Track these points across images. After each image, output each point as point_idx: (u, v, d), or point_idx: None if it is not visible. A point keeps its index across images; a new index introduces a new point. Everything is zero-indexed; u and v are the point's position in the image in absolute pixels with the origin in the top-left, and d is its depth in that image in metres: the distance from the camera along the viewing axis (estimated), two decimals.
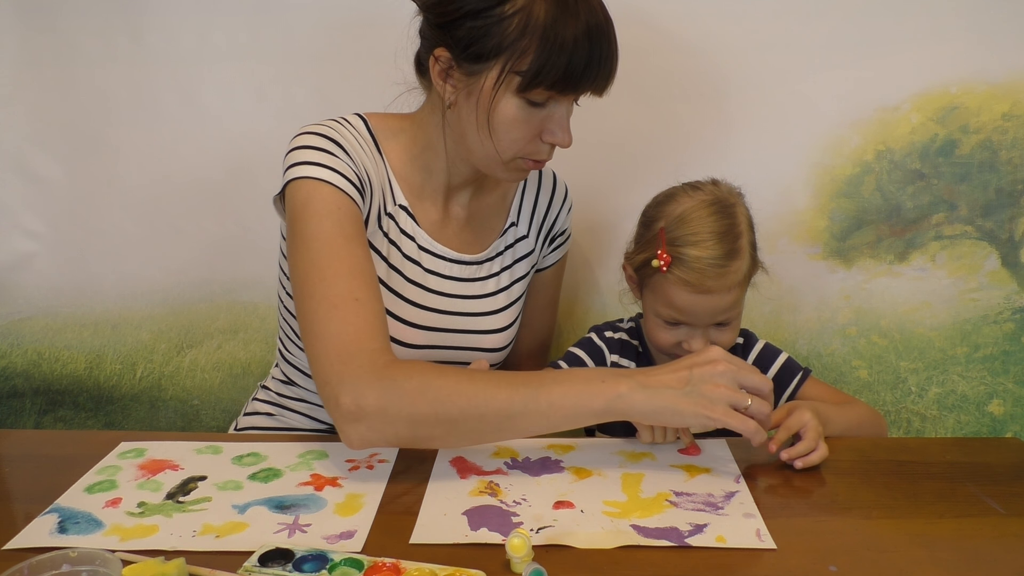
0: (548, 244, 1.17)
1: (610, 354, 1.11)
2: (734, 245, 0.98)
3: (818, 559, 0.71)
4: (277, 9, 1.32)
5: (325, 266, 0.85)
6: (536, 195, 1.14)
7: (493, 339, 1.08)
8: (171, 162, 1.38)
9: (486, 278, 1.08)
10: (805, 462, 0.87)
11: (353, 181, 0.92)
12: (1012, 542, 0.75)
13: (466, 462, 0.89)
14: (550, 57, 0.85)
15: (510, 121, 0.90)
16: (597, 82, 0.89)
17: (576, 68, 0.86)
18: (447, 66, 0.90)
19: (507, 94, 0.88)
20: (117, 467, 0.88)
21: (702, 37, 1.32)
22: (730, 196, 1.02)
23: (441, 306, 1.04)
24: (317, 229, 0.87)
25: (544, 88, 0.87)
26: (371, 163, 0.98)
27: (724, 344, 1.04)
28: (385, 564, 0.68)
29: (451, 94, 0.92)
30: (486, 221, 1.10)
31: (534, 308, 1.21)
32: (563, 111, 0.92)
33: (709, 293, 0.97)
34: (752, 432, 0.81)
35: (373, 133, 1.01)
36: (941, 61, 1.31)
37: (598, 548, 0.72)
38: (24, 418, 1.48)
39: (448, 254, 1.05)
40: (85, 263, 1.43)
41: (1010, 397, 1.41)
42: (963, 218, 1.37)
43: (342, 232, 0.88)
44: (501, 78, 0.87)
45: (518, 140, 0.92)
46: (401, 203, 1.01)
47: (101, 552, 0.64)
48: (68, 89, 1.37)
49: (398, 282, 1.01)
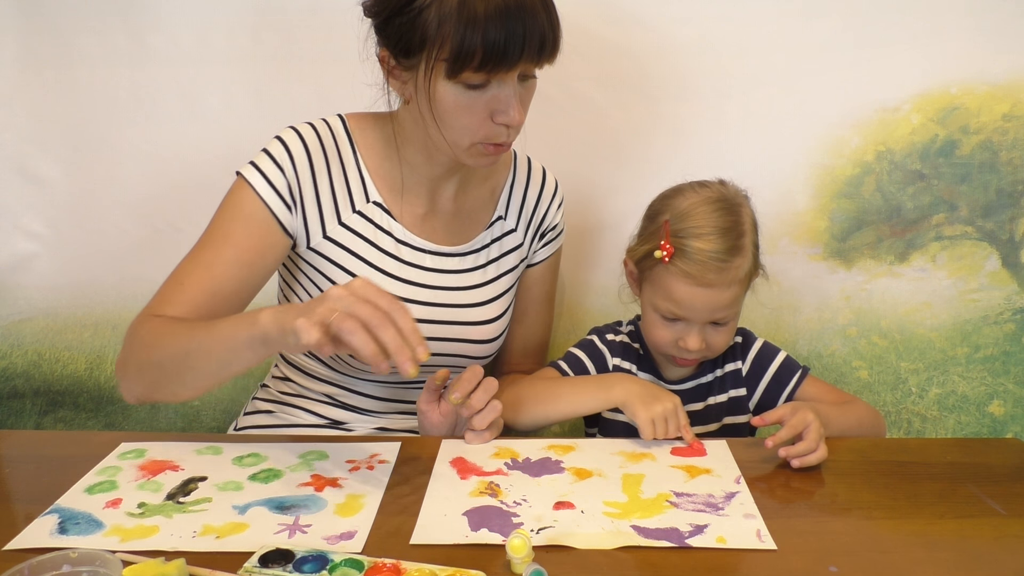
0: (538, 240, 1.17)
1: (612, 357, 1.11)
2: (737, 242, 0.98)
3: (818, 560, 0.71)
4: (277, 10, 1.32)
5: (199, 249, 0.98)
6: (525, 190, 1.14)
7: (481, 331, 1.09)
8: (171, 162, 1.38)
9: (471, 270, 1.09)
10: (803, 462, 0.87)
11: (285, 199, 0.98)
12: (1012, 543, 0.75)
13: (466, 463, 0.89)
14: (464, 39, 0.85)
15: (452, 108, 0.91)
16: (527, 55, 0.88)
17: (496, 45, 0.85)
18: (391, 65, 0.94)
19: (440, 82, 0.89)
20: (117, 468, 0.88)
21: (702, 38, 1.32)
22: (737, 196, 1.03)
23: (424, 298, 1.05)
24: (220, 220, 0.99)
25: (472, 70, 0.87)
26: (336, 169, 1.02)
27: (719, 344, 1.04)
28: (385, 565, 0.68)
29: (403, 91, 0.95)
30: (473, 214, 1.11)
31: (528, 303, 1.21)
32: (508, 90, 0.90)
33: (709, 287, 0.98)
34: (357, 348, 0.73)
35: (350, 133, 1.04)
36: (941, 62, 1.31)
37: (598, 549, 0.72)
38: (24, 419, 1.48)
39: (427, 246, 1.06)
40: (85, 264, 1.43)
41: (1010, 398, 1.41)
42: (963, 219, 1.37)
43: (231, 235, 0.98)
44: (429, 67, 0.89)
45: (468, 126, 0.92)
46: (375, 200, 1.04)
47: (101, 553, 0.64)
48: (68, 89, 1.37)
49: (377, 278, 1.03)
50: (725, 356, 1.11)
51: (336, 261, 1.03)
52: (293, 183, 0.99)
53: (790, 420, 0.89)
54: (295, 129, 1.01)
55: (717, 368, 1.11)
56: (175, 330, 0.89)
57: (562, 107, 1.34)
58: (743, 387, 1.10)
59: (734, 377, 1.11)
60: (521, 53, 0.87)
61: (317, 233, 1.02)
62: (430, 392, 0.97)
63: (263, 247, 0.99)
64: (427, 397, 0.97)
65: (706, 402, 1.10)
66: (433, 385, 0.96)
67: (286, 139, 1.00)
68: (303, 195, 1.00)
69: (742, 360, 1.11)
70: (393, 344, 0.73)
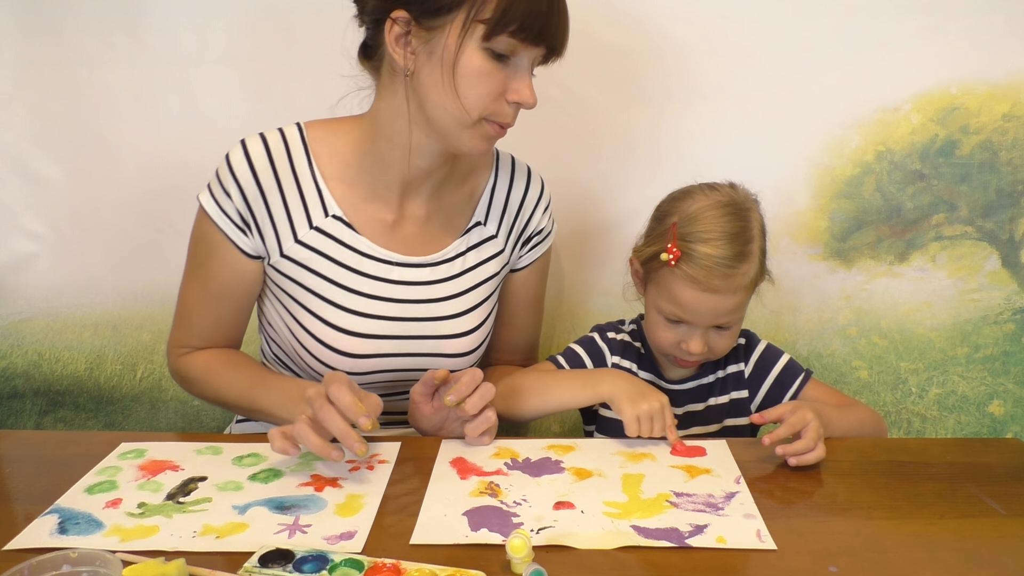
0: (523, 245, 1.12)
1: (611, 355, 1.11)
2: (745, 248, 0.98)
3: (818, 560, 0.71)
4: (277, 10, 1.32)
5: (189, 281, 1.05)
6: (507, 193, 1.09)
7: (458, 344, 1.05)
8: (171, 162, 1.38)
9: (445, 280, 1.05)
10: (799, 461, 0.87)
11: (239, 224, 0.99)
12: (1012, 543, 0.75)
13: (466, 463, 0.89)
14: (514, 1, 0.85)
15: (475, 74, 0.89)
16: (559, 32, 0.89)
17: (540, 10, 0.86)
18: (405, 29, 0.89)
19: (471, 45, 0.87)
20: (117, 468, 0.88)
21: (702, 38, 1.32)
22: (746, 201, 1.02)
23: (393, 313, 1.02)
24: (195, 251, 1.04)
25: (509, 35, 0.86)
26: (288, 185, 0.99)
27: (722, 348, 1.04)
28: (385, 565, 0.68)
29: (410, 60, 0.91)
30: (448, 220, 1.06)
31: (515, 307, 1.17)
32: (526, 67, 0.91)
33: (714, 292, 0.97)
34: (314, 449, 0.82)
35: (307, 144, 1.00)
36: (941, 62, 1.31)
37: (598, 549, 0.72)
38: (24, 419, 1.48)
39: (394, 258, 1.02)
40: (85, 263, 1.43)
41: (1010, 398, 1.41)
42: (963, 219, 1.37)
43: (209, 268, 1.02)
44: (466, 27, 0.86)
45: (484, 96, 0.90)
46: (335, 214, 1.00)
47: (101, 553, 0.64)
48: (68, 89, 1.37)
49: (338, 295, 1.00)
50: (727, 358, 1.11)
51: (295, 279, 1.01)
52: (242, 207, 0.98)
53: (789, 418, 0.89)
54: (243, 146, 0.98)
55: (719, 369, 1.11)
56: (213, 384, 1.04)
57: (562, 107, 1.34)
58: (745, 389, 1.10)
59: (736, 379, 1.10)
60: (556, 27, 0.89)
61: (275, 252, 1.00)
62: (426, 385, 0.95)
63: (236, 274, 1.02)
64: (422, 389, 0.95)
65: (707, 403, 1.10)
66: (431, 380, 0.94)
67: (232, 161, 0.98)
68: (255, 217, 0.99)
69: (745, 362, 1.11)
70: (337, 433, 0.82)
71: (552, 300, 1.46)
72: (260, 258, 1.02)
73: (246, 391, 1.01)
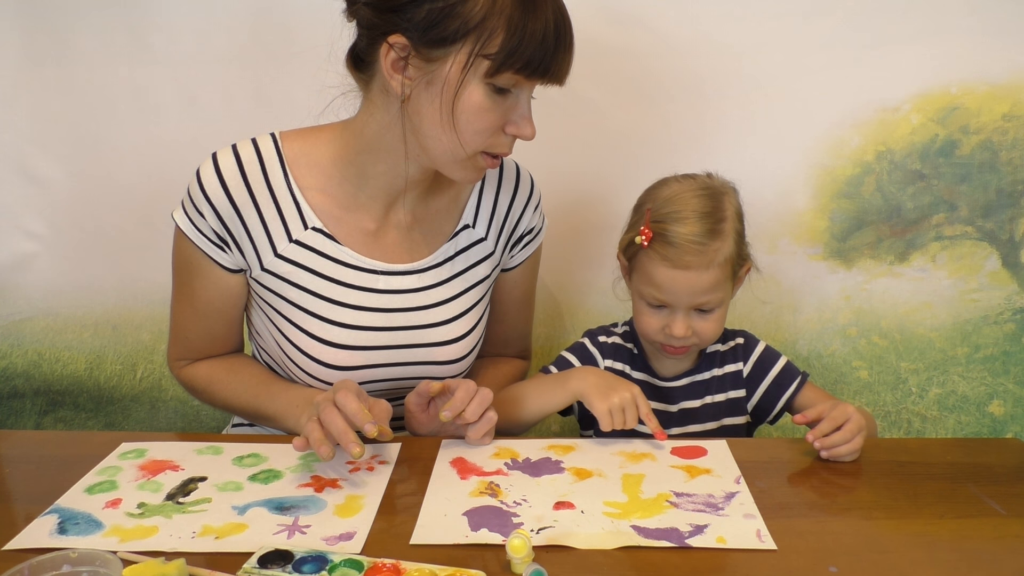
0: (514, 245, 1.10)
1: (603, 359, 1.11)
2: (716, 226, 0.99)
3: (818, 560, 0.71)
4: (277, 10, 1.32)
5: (178, 299, 1.05)
6: (496, 195, 1.06)
7: (448, 351, 1.03)
8: (171, 162, 1.38)
9: (433, 286, 1.02)
10: (832, 453, 0.88)
11: (216, 242, 0.98)
12: (1013, 543, 0.75)
13: (466, 463, 0.89)
14: (523, 38, 0.81)
15: (476, 110, 0.86)
16: (565, 66, 0.87)
17: (548, 48, 0.83)
18: (403, 54, 0.85)
19: (474, 80, 0.84)
20: (117, 468, 0.88)
21: (702, 38, 1.32)
22: (722, 186, 1.04)
23: (380, 323, 0.99)
24: (178, 270, 1.03)
25: (514, 72, 0.84)
26: (264, 199, 0.96)
27: (707, 332, 1.04)
28: (385, 565, 0.68)
29: (407, 86, 0.87)
30: (434, 225, 1.03)
31: (508, 305, 1.15)
32: (526, 100, 0.89)
33: (687, 269, 0.98)
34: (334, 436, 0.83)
35: (282, 155, 0.97)
36: (941, 62, 1.31)
37: (598, 549, 0.72)
38: (24, 419, 1.48)
39: (378, 267, 0.99)
40: (85, 263, 1.43)
41: (1010, 398, 1.41)
42: (963, 219, 1.37)
43: (192, 287, 1.02)
44: (469, 61, 0.83)
45: (482, 132, 0.88)
46: (314, 226, 0.97)
47: (101, 553, 0.64)
48: (68, 89, 1.37)
49: (323, 307, 0.98)
50: (726, 357, 1.11)
51: (279, 293, 0.99)
52: (217, 225, 0.96)
53: (831, 413, 0.90)
54: (214, 161, 0.95)
55: (715, 367, 1.11)
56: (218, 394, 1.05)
57: (562, 107, 1.34)
58: (743, 388, 1.10)
59: (735, 378, 1.11)
60: (562, 62, 0.86)
61: (256, 266, 0.98)
62: (420, 396, 0.94)
63: (221, 290, 1.01)
64: (416, 400, 0.95)
65: (703, 400, 1.10)
66: (426, 391, 0.93)
67: (203, 178, 0.95)
68: (232, 233, 0.96)
69: (744, 362, 1.11)
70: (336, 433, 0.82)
71: (551, 300, 1.46)
72: (243, 271, 1.00)
73: (251, 400, 1.02)
